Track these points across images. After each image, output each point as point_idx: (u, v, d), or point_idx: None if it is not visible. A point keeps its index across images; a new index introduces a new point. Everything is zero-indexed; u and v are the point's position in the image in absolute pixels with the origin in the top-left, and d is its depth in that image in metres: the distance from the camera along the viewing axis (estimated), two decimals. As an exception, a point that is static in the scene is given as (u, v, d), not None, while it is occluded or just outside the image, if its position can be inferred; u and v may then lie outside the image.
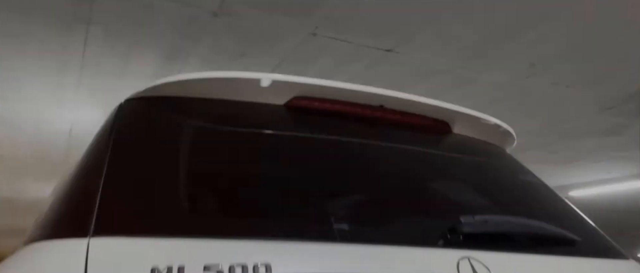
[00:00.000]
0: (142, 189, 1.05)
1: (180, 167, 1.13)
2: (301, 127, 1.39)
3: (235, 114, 1.34)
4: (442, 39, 3.67)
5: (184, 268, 0.87)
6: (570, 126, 5.45)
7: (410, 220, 1.21)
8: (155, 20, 3.31)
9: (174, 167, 1.12)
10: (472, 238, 1.14)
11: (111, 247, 0.90)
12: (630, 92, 4.56)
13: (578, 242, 1.34)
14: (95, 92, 4.58)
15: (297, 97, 1.41)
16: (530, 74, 4.20)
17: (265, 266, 0.92)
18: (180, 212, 1.02)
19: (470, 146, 1.67)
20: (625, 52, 3.87)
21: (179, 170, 1.12)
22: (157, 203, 1.03)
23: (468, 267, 1.08)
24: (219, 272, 0.89)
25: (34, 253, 0.91)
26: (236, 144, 1.25)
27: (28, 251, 0.92)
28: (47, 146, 6.08)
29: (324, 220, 1.10)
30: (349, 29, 3.46)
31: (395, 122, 1.53)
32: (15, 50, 3.79)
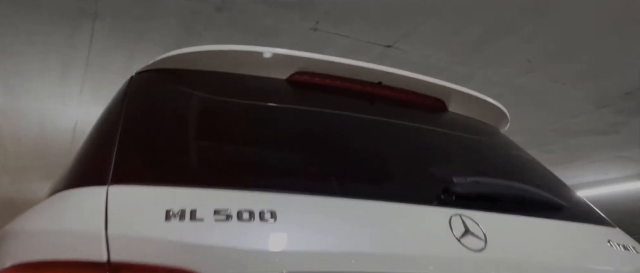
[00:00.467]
0: (152, 145, 1.13)
1: (188, 128, 1.21)
2: (303, 100, 1.46)
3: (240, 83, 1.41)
4: (441, 35, 3.75)
5: (196, 211, 0.94)
6: (567, 124, 5.52)
7: (406, 181, 1.28)
8: (160, 14, 3.39)
9: (182, 128, 1.20)
10: (464, 198, 1.21)
11: (127, 193, 0.97)
12: (626, 90, 4.63)
13: (565, 207, 1.41)
14: (100, 88, 4.66)
15: (298, 72, 1.49)
16: (527, 71, 4.28)
17: (271, 212, 0.99)
18: (189, 165, 1.10)
19: (465, 122, 1.75)
20: (622, 50, 3.94)
21: (187, 131, 1.20)
22: (167, 158, 1.10)
23: (459, 223, 1.15)
24: (228, 215, 0.96)
25: (59, 200, 0.98)
26: (241, 111, 1.33)
27: (54, 199, 1.00)
28: (51, 144, 6.16)
29: (325, 178, 1.17)
30: (350, 24, 3.54)
31: (392, 98, 1.60)
32: (21, 46, 3.87)
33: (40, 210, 0.97)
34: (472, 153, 1.58)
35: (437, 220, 1.14)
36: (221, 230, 0.93)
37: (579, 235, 1.37)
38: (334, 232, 1.03)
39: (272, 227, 0.97)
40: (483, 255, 1.12)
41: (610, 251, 1.35)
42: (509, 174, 1.50)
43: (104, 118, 1.28)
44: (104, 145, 1.12)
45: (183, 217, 0.93)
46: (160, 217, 0.92)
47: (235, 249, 0.92)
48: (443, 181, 1.24)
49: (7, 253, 0.88)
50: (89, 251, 0.86)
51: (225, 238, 0.93)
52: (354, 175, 1.22)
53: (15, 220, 0.97)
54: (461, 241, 1.12)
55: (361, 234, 1.05)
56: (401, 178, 1.28)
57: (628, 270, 1.32)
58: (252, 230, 0.96)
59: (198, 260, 0.89)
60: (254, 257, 0.93)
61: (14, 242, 0.90)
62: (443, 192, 1.22)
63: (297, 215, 1.03)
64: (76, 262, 0.85)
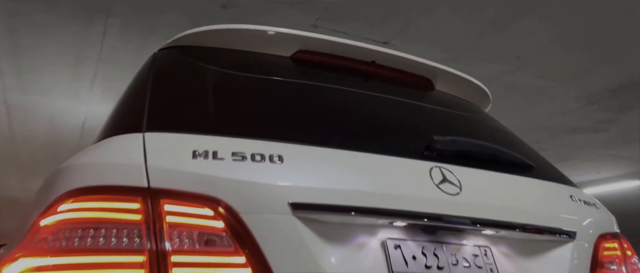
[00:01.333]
0: (177, 102, 1.35)
1: (206, 91, 1.42)
2: (304, 73, 1.67)
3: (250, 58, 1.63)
4: (433, 32, 3.97)
5: (217, 152, 1.14)
6: (557, 122, 5.72)
7: (393, 139, 1.48)
8: (169, 11, 3.60)
9: (200, 90, 1.41)
10: (443, 153, 1.41)
11: (160, 137, 1.17)
12: (612, 87, 4.84)
13: (533, 167, 1.61)
14: (110, 84, 4.86)
15: (300, 50, 1.69)
16: (517, 67, 4.48)
17: (279, 156, 1.19)
18: (209, 118, 1.30)
19: (449, 98, 1.95)
20: (607, 47, 4.15)
21: (205, 93, 1.40)
22: (190, 112, 1.31)
23: (438, 173, 1.35)
24: (243, 156, 1.16)
25: (105, 143, 1.19)
26: (251, 78, 1.54)
27: (99, 143, 1.20)
28: (60, 141, 6.34)
29: (325, 133, 1.37)
30: (348, 21, 3.75)
31: (384, 75, 1.81)
32: (37, 42, 4.07)
33: (89, 151, 1.17)
34: (454, 122, 1.78)
35: (420, 170, 1.34)
36: (237, 167, 1.14)
37: (543, 189, 1.57)
38: (331, 173, 1.23)
39: (279, 167, 1.17)
40: (457, 198, 1.32)
41: (570, 203, 1.55)
42: (486, 138, 1.70)
43: (133, 84, 1.49)
44: (137, 102, 1.33)
45: (206, 156, 1.13)
46: (188, 155, 1.12)
47: (249, 182, 1.12)
48: (425, 140, 1.44)
49: (64, 181, 1.08)
50: (133, 178, 1.06)
51: (241, 173, 1.13)
52: (350, 133, 1.42)
53: (67, 160, 1.17)
54: (439, 186, 1.32)
55: (354, 175, 1.25)
56: (390, 137, 1.48)
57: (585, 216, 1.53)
58: (263, 169, 1.16)
59: (218, 189, 1.09)
60: (264, 189, 1.13)
61: (69, 174, 1.10)
62: (425, 148, 1.42)
63: (300, 159, 1.23)
64: (123, 186, 1.05)
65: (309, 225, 1.14)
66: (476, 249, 1.35)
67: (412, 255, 1.26)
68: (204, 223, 1.07)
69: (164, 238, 1.02)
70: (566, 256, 1.44)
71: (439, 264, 1.28)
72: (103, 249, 0.99)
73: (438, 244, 1.31)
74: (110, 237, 1.00)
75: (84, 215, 1.02)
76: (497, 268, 1.35)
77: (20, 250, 1.00)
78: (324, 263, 1.13)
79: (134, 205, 1.04)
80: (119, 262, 0.99)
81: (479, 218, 1.33)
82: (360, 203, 1.20)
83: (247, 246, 1.07)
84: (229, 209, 1.08)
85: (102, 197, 1.04)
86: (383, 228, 1.26)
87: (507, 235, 1.41)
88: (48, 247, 0.98)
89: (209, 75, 1.50)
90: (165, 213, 1.05)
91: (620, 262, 1.53)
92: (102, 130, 1.32)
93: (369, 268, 1.21)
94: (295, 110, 1.45)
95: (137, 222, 1.03)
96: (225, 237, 1.07)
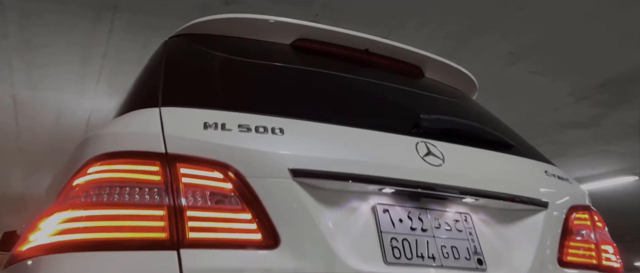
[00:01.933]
0: (188, 81, 1.50)
1: (215, 71, 1.57)
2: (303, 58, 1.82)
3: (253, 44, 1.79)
4: (427, 30, 4.12)
5: (225, 124, 1.29)
6: (550, 117, 5.87)
7: (384, 117, 1.62)
8: (174, 8, 3.76)
9: (208, 71, 1.57)
10: (428, 130, 1.56)
11: (174, 111, 1.32)
12: (601, 82, 4.99)
13: (512, 146, 1.76)
14: (115, 80, 5.02)
15: (300, 38, 1.85)
16: (509, 63, 4.64)
17: (280, 129, 1.34)
18: (217, 95, 1.45)
19: (438, 85, 2.10)
20: (595, 42, 4.30)
21: (213, 73, 1.56)
22: (201, 90, 1.46)
23: (424, 147, 1.50)
24: (248, 128, 1.31)
25: (125, 117, 1.34)
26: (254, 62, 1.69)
27: (123, 117, 1.35)
28: (65, 137, 6.48)
29: (322, 110, 1.52)
30: (346, 17, 3.91)
31: (377, 62, 1.96)
32: (47, 40, 4.24)
33: (113, 123, 1.33)
34: (440, 105, 1.93)
35: (407, 144, 1.49)
36: (243, 137, 1.29)
37: (520, 164, 1.72)
38: (327, 145, 1.38)
39: (280, 138, 1.33)
40: (440, 169, 1.47)
41: (545, 177, 1.70)
42: (470, 118, 1.85)
43: (147, 67, 1.65)
44: (152, 82, 1.49)
45: (216, 127, 1.28)
46: (200, 126, 1.27)
47: (253, 150, 1.27)
48: (413, 118, 1.59)
49: (93, 147, 1.23)
50: (153, 145, 1.21)
51: (246, 143, 1.28)
52: (345, 111, 1.57)
53: (94, 130, 1.33)
54: (424, 159, 1.47)
55: (348, 147, 1.40)
56: (381, 115, 1.63)
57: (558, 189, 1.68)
58: (266, 139, 1.31)
59: (227, 155, 1.24)
60: (266, 156, 1.28)
61: (97, 141, 1.25)
62: (412, 125, 1.57)
63: (299, 132, 1.38)
64: (144, 152, 1.21)
65: (307, 189, 1.29)
66: (457, 215, 1.51)
67: (399, 218, 1.41)
68: (214, 184, 1.22)
69: (180, 196, 1.17)
70: (539, 224, 1.59)
71: (423, 227, 1.43)
72: (128, 204, 1.14)
73: (422, 210, 1.46)
74: (134, 194, 1.16)
75: (111, 175, 1.17)
76: (476, 232, 1.50)
77: (55, 206, 1.16)
78: (321, 223, 1.28)
79: (153, 168, 1.19)
80: (143, 215, 1.14)
81: (460, 186, 1.48)
82: (353, 170, 1.35)
83: (253, 205, 1.22)
84: (237, 173, 1.24)
85: (126, 161, 1.19)
86: (373, 195, 1.41)
87: (485, 204, 1.56)
88: (80, 201, 1.14)
89: (216, 58, 1.66)
90: (181, 176, 1.20)
91: (590, 231, 1.68)
92: (122, 107, 1.48)
93: (360, 229, 1.36)
94: (294, 91, 1.60)
95: (157, 182, 1.18)
96: (233, 197, 1.22)
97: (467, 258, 1.43)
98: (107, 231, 1.11)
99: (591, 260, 1.64)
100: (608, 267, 1.67)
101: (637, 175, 7.96)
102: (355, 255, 1.30)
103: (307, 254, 1.23)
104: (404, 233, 1.39)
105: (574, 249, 1.62)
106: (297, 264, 1.21)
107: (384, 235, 1.36)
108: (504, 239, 1.55)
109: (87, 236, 1.10)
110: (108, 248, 1.10)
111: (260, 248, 1.20)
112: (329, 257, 1.25)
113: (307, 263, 1.22)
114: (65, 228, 1.12)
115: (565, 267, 1.57)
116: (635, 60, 4.61)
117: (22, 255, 1.17)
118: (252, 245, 1.20)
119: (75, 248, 1.09)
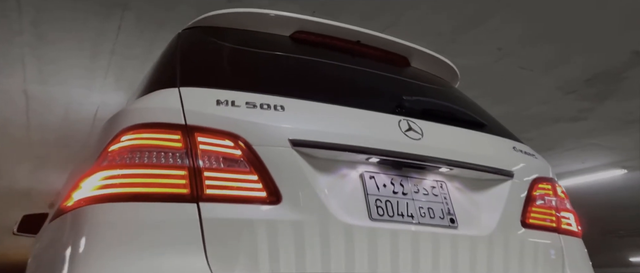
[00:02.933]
0: (202, 65, 1.74)
1: (223, 58, 1.81)
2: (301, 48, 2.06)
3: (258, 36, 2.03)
4: (420, 26, 4.36)
5: (235, 101, 1.53)
6: (539, 111, 6.11)
7: (372, 98, 1.87)
8: (180, 5, 3.99)
9: (220, 57, 1.81)
10: (410, 111, 1.80)
11: (191, 90, 1.56)
12: (587, 76, 5.23)
13: (485, 125, 2.00)
14: (121, 76, 5.26)
15: (298, 31, 2.09)
16: (498, 58, 4.88)
17: (281, 106, 1.58)
18: (228, 78, 1.69)
19: (423, 73, 2.35)
20: (581, 37, 4.54)
21: (223, 59, 1.80)
22: (213, 74, 1.70)
23: (405, 124, 1.74)
24: (254, 105, 1.55)
25: (149, 95, 1.58)
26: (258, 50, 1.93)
27: (147, 95, 1.59)
28: (72, 133, 6.71)
29: (318, 91, 1.75)
30: (343, 14, 4.14)
31: (368, 53, 2.20)
32: (59, 34, 4.47)
33: (139, 100, 1.57)
34: (423, 90, 2.17)
35: (391, 121, 1.73)
36: (250, 112, 1.53)
37: (491, 141, 1.96)
38: (321, 120, 1.62)
39: (281, 113, 1.57)
40: (419, 142, 1.71)
41: (512, 151, 1.94)
42: (449, 101, 2.08)
43: (164, 55, 1.89)
44: (170, 67, 1.73)
45: (227, 104, 1.52)
46: (214, 103, 1.51)
47: (258, 123, 1.51)
48: (396, 99, 1.83)
49: (125, 119, 1.47)
50: (174, 117, 1.45)
51: (252, 117, 1.52)
52: (338, 93, 1.81)
53: (125, 106, 1.57)
54: (405, 133, 1.72)
55: (340, 122, 1.64)
56: (369, 97, 1.87)
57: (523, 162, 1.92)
58: (269, 114, 1.55)
59: (236, 127, 1.48)
60: (270, 128, 1.52)
61: (128, 114, 1.49)
62: (396, 105, 1.81)
63: (298, 109, 1.62)
64: (165, 123, 1.44)
65: (304, 157, 1.53)
66: (434, 183, 1.75)
67: (383, 184, 1.65)
68: (226, 151, 1.46)
69: (198, 160, 1.41)
70: (505, 191, 1.83)
71: (403, 191, 1.67)
72: (156, 165, 1.38)
73: (404, 177, 1.70)
74: (160, 157, 1.40)
75: (141, 142, 1.41)
76: (450, 197, 1.74)
77: (95, 167, 1.40)
78: (316, 186, 1.52)
79: (175, 136, 1.43)
80: (168, 174, 1.38)
81: (435, 157, 1.72)
82: (344, 142, 1.59)
83: (258, 169, 1.46)
84: (245, 142, 1.48)
85: (153, 130, 1.43)
86: (361, 164, 1.66)
87: (458, 173, 1.80)
88: (117, 163, 1.38)
89: (224, 47, 1.89)
90: (199, 143, 1.44)
91: (551, 199, 1.93)
92: (144, 89, 1.72)
93: (349, 192, 1.60)
94: (294, 75, 1.85)
95: (179, 148, 1.42)
96: (242, 161, 1.46)
97: (441, 217, 1.68)
98: (139, 186, 1.35)
99: (551, 223, 1.88)
100: (566, 230, 1.91)
101: (626, 168, 8.18)
102: (345, 212, 1.54)
103: (304, 210, 1.47)
104: (387, 196, 1.64)
105: (536, 213, 1.86)
106: (296, 217, 1.45)
107: (369, 197, 1.61)
108: (474, 204, 1.79)
109: (123, 190, 1.34)
110: (141, 199, 1.34)
111: (265, 203, 1.44)
112: (323, 212, 1.49)
113: (304, 216, 1.46)
114: (105, 184, 1.36)
115: (527, 227, 1.82)
116: (619, 55, 4.85)
117: (68, 207, 1.41)
118: (258, 201, 1.44)
119: (114, 199, 1.33)
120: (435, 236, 1.62)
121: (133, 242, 1.29)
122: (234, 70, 1.76)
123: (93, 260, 1.26)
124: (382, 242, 1.53)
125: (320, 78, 1.90)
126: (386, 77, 2.11)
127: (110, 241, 1.29)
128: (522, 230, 1.80)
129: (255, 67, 1.84)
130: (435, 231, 1.63)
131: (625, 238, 14.89)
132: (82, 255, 1.27)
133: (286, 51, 2.01)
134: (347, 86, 1.91)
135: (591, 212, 10.85)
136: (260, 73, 1.81)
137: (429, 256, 1.58)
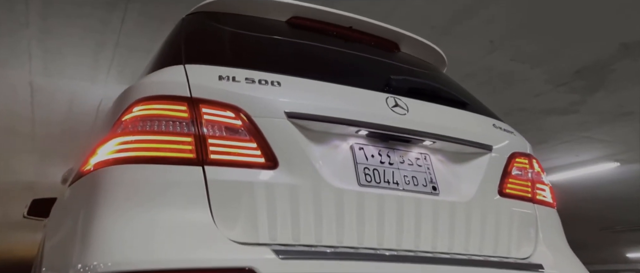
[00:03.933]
0: (205, 46, 1.90)
1: (224, 39, 1.97)
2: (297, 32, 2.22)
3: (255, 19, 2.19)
4: (414, 19, 4.51)
5: (235, 77, 1.69)
6: (531, 104, 6.26)
7: (362, 77, 2.03)
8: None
9: (221, 38, 1.97)
10: (396, 88, 1.96)
11: (195, 67, 1.71)
12: (576, 68, 5.38)
13: (467, 104, 2.16)
14: (125, 68, 5.41)
15: (294, 16, 2.25)
16: (490, 50, 5.03)
17: (278, 82, 1.74)
18: (229, 57, 1.85)
19: (412, 58, 2.51)
20: (570, 29, 4.68)
21: (224, 40, 1.96)
22: (215, 52, 1.86)
23: (392, 100, 1.90)
24: (253, 80, 1.71)
25: (160, 71, 1.73)
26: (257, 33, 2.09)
27: (156, 72, 1.74)
28: (76, 125, 6.86)
29: (312, 69, 1.91)
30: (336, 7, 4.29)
31: (360, 38, 2.36)
32: (65, 28, 4.62)
33: (149, 76, 1.73)
34: (411, 71, 2.33)
35: (379, 98, 1.89)
36: (249, 87, 1.68)
37: (472, 118, 2.12)
38: (314, 95, 1.78)
39: (278, 89, 1.72)
40: (404, 117, 1.87)
41: (492, 128, 2.10)
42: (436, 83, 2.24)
43: (170, 37, 2.06)
44: (176, 47, 1.89)
45: (228, 79, 1.68)
46: (216, 78, 1.67)
47: (257, 96, 1.67)
48: (385, 78, 1.99)
49: (137, 92, 1.63)
50: (180, 90, 1.61)
51: (251, 91, 1.68)
52: (330, 71, 1.97)
53: (136, 81, 1.72)
54: (392, 109, 1.87)
55: (332, 97, 1.80)
56: (360, 76, 2.03)
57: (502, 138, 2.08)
58: (267, 89, 1.70)
59: (236, 100, 1.64)
60: (267, 101, 1.68)
61: (140, 88, 1.65)
62: (384, 83, 1.97)
63: (293, 85, 1.77)
64: (173, 95, 1.60)
65: (299, 129, 1.69)
66: (418, 155, 1.91)
67: (371, 154, 1.81)
68: (228, 121, 1.62)
69: (203, 128, 1.57)
70: (483, 164, 1.99)
71: (390, 161, 1.83)
72: (165, 132, 1.54)
73: (390, 149, 1.86)
74: (169, 125, 1.56)
75: (151, 112, 1.57)
76: (433, 168, 1.90)
77: (111, 134, 1.56)
78: (310, 155, 1.68)
79: (182, 107, 1.59)
80: (176, 141, 1.54)
81: (419, 131, 1.88)
82: (335, 115, 1.75)
83: (257, 137, 1.62)
84: (245, 113, 1.63)
85: (162, 102, 1.59)
86: (351, 136, 1.81)
87: (441, 147, 1.96)
88: (130, 130, 1.54)
89: (225, 30, 2.05)
90: (203, 114, 1.60)
91: (527, 172, 2.09)
92: (152, 66, 1.88)
93: (340, 161, 1.76)
94: (289, 56, 2.01)
95: (185, 117, 1.58)
96: (242, 131, 1.62)
97: (424, 185, 1.84)
98: (150, 151, 1.51)
99: (526, 194, 2.04)
100: (541, 201, 2.08)
101: (618, 161, 8.33)
102: (336, 178, 1.70)
103: (299, 175, 1.63)
104: (375, 165, 1.80)
105: (512, 184, 2.02)
106: (292, 181, 1.61)
107: (358, 165, 1.77)
108: (455, 174, 1.95)
109: (137, 154, 1.50)
110: (152, 162, 1.50)
111: (263, 168, 1.60)
112: (316, 178, 1.65)
113: (299, 180, 1.62)
114: (120, 148, 1.52)
115: (504, 196, 1.98)
116: (608, 47, 4.99)
117: (87, 171, 1.57)
118: (257, 166, 1.60)
119: (128, 161, 1.49)
120: (418, 201, 1.78)
121: (146, 198, 1.45)
122: (234, 51, 1.92)
123: (111, 212, 1.42)
124: (369, 204, 1.69)
125: (314, 59, 2.07)
126: (376, 60, 2.27)
127: (126, 197, 1.45)
128: (499, 198, 1.96)
129: (253, 48, 2.00)
130: (419, 197, 1.79)
131: (622, 233, 15.01)
132: (101, 208, 1.43)
133: (283, 35, 2.17)
134: (339, 66, 2.07)
135: (587, 208, 11.04)
136: (258, 53, 1.98)
137: (412, 218, 1.74)
